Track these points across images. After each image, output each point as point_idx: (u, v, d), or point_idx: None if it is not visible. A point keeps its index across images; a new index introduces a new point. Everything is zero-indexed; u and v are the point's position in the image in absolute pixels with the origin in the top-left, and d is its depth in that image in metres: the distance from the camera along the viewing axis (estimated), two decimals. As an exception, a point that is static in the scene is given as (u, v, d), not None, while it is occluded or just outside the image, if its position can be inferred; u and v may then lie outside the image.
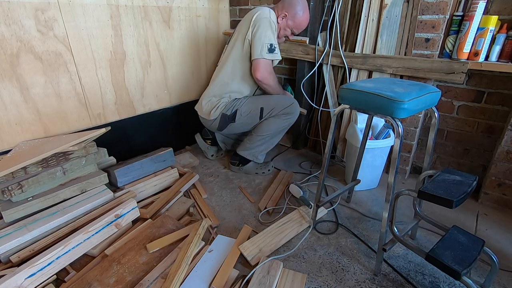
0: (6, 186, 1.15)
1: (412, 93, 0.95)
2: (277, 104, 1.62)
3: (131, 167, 1.52)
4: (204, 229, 1.27)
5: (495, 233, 1.35)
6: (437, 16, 1.44)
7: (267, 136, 1.68)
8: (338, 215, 1.47)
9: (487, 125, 1.54)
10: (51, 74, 1.43)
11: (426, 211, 1.46)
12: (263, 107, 1.62)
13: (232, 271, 1.11)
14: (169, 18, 1.83)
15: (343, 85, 1.10)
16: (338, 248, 1.27)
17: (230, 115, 1.64)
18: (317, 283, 1.10)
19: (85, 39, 1.50)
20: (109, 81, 1.65)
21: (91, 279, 1.04)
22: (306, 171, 1.88)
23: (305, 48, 1.86)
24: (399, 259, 1.21)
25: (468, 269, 0.86)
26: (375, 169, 1.64)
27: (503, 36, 1.33)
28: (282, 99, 1.65)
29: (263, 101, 1.64)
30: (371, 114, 1.07)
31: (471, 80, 1.52)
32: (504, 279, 1.12)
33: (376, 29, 1.61)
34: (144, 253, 1.16)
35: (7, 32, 1.27)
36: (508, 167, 1.44)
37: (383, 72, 1.63)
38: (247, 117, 1.64)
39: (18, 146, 1.38)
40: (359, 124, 1.63)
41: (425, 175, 1.12)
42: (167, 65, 1.91)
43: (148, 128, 1.91)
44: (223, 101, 1.65)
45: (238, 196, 1.62)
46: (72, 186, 1.32)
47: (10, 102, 1.34)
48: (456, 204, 0.85)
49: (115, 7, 1.57)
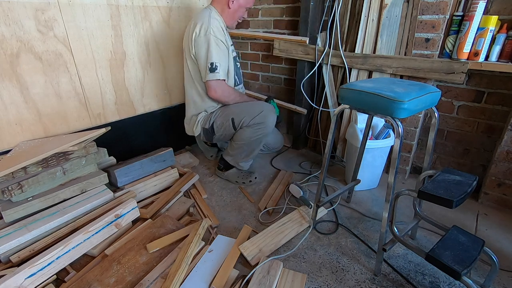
0: (6, 186, 1.15)
1: (412, 93, 0.95)
2: (246, 113, 1.55)
3: (131, 167, 1.52)
4: (204, 229, 1.27)
5: (495, 233, 1.35)
6: (437, 16, 1.44)
7: (243, 144, 1.61)
8: (338, 215, 1.47)
9: (487, 125, 1.54)
10: (51, 74, 1.43)
11: (426, 211, 1.46)
12: (233, 117, 1.57)
13: (232, 271, 1.11)
14: (169, 18, 1.83)
15: (343, 85, 1.10)
16: (338, 248, 1.27)
17: (209, 128, 1.63)
18: (317, 283, 1.10)
19: (85, 39, 1.50)
20: (109, 81, 1.65)
21: (91, 279, 1.04)
22: (306, 171, 1.88)
23: (305, 48, 1.86)
24: (399, 259, 1.21)
25: (468, 269, 0.86)
26: (375, 169, 1.64)
27: (503, 36, 1.33)
28: (252, 107, 1.57)
29: (233, 111, 1.59)
30: (371, 114, 1.07)
31: (471, 80, 1.52)
32: (504, 279, 1.12)
33: (376, 29, 1.61)
34: (144, 253, 1.16)
35: (7, 32, 1.27)
36: (508, 167, 1.44)
37: (383, 72, 1.63)
38: (222, 130, 1.61)
39: (18, 146, 1.38)
40: (359, 124, 1.63)
41: (425, 175, 1.11)
42: (167, 65, 1.91)
43: (148, 128, 1.91)
44: (200, 116, 1.67)
45: (238, 196, 1.62)
46: (72, 186, 1.32)
47: (10, 102, 1.34)
48: (456, 204, 0.85)
49: (115, 7, 1.57)
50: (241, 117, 1.55)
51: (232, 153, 1.68)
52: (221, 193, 1.65)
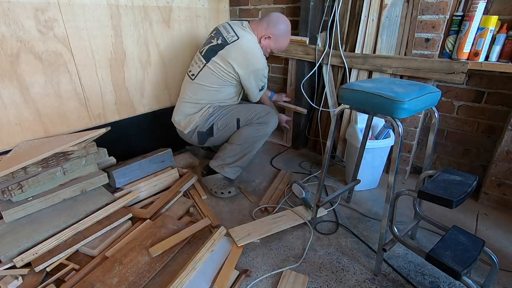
0: (6, 186, 1.15)
1: (412, 93, 0.95)
2: (254, 112, 1.54)
3: (129, 168, 1.52)
4: (221, 235, 1.25)
5: (495, 233, 1.35)
6: (437, 16, 1.44)
7: (239, 145, 1.55)
8: (338, 215, 1.47)
9: (487, 125, 1.54)
10: (51, 74, 1.43)
11: (426, 211, 1.46)
12: (239, 118, 1.55)
13: (233, 271, 1.11)
14: (169, 18, 1.83)
15: (343, 85, 1.10)
16: (338, 248, 1.27)
17: (206, 131, 1.57)
18: (317, 283, 1.10)
19: (85, 39, 1.50)
20: (109, 81, 1.65)
21: (93, 280, 1.04)
22: (306, 171, 1.88)
23: (305, 48, 1.86)
24: (399, 259, 1.21)
25: (468, 269, 0.86)
26: (375, 169, 1.64)
27: (503, 36, 1.33)
28: (261, 107, 1.58)
29: (238, 111, 1.57)
30: (371, 114, 1.08)
31: (471, 80, 1.52)
32: (504, 279, 1.12)
33: (376, 29, 1.61)
34: (146, 253, 1.16)
35: (7, 32, 1.27)
36: (508, 167, 1.44)
37: (383, 72, 1.63)
38: (223, 131, 1.58)
39: (18, 146, 1.38)
40: (359, 124, 1.63)
41: (425, 175, 1.11)
42: (167, 65, 1.91)
43: (148, 128, 1.91)
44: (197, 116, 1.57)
45: (238, 196, 1.62)
46: (72, 186, 1.32)
47: (10, 102, 1.34)
48: (456, 204, 0.85)
49: (115, 7, 1.57)
50: (248, 117, 1.54)
51: (222, 156, 1.60)
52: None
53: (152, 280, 1.08)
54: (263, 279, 1.11)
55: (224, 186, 1.60)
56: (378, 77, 1.66)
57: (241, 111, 1.57)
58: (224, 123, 1.56)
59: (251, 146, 1.58)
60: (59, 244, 1.17)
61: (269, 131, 1.57)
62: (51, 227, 1.18)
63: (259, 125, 1.54)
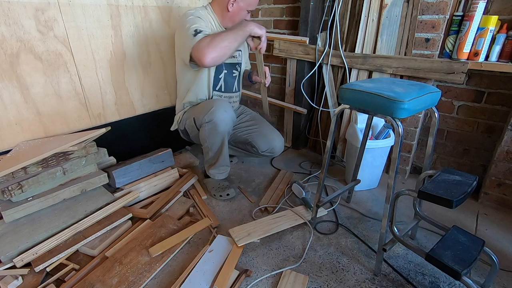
0: (6, 186, 1.15)
1: (412, 93, 0.95)
2: (201, 110, 1.44)
3: (129, 168, 1.52)
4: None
5: (495, 233, 1.35)
6: (437, 16, 1.44)
7: (205, 147, 1.51)
8: (338, 215, 1.47)
9: (487, 125, 1.54)
10: (51, 74, 1.43)
11: (426, 211, 1.46)
12: (194, 117, 1.48)
13: (233, 272, 1.11)
14: (169, 18, 1.83)
15: (343, 85, 1.10)
16: (338, 248, 1.27)
17: (184, 130, 1.61)
18: (317, 283, 1.10)
19: (85, 39, 1.50)
20: (109, 81, 1.65)
21: (93, 280, 1.04)
22: (306, 171, 1.88)
23: (305, 48, 1.86)
24: (399, 259, 1.21)
25: (468, 269, 0.86)
26: (375, 169, 1.64)
27: (503, 36, 1.33)
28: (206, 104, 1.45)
29: (193, 110, 1.52)
30: (371, 114, 1.07)
31: (471, 80, 1.52)
32: (504, 279, 1.12)
33: (376, 29, 1.61)
34: (146, 253, 1.16)
35: (7, 32, 1.27)
36: (508, 167, 1.44)
37: (383, 72, 1.63)
38: (191, 131, 1.56)
39: (18, 146, 1.38)
40: (359, 124, 1.63)
41: (425, 175, 1.11)
42: (167, 65, 1.91)
43: (148, 128, 1.91)
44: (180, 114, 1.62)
45: (238, 196, 1.62)
46: (72, 186, 1.32)
47: (10, 102, 1.34)
48: (456, 204, 0.85)
49: (115, 7, 1.57)
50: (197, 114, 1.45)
51: (204, 158, 1.59)
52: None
53: (152, 280, 1.08)
54: (263, 279, 1.11)
55: (223, 188, 1.59)
56: (378, 77, 1.66)
57: (194, 110, 1.51)
58: (188, 123, 1.54)
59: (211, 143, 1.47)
60: (59, 244, 1.17)
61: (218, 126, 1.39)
62: (51, 227, 1.18)
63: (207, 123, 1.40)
